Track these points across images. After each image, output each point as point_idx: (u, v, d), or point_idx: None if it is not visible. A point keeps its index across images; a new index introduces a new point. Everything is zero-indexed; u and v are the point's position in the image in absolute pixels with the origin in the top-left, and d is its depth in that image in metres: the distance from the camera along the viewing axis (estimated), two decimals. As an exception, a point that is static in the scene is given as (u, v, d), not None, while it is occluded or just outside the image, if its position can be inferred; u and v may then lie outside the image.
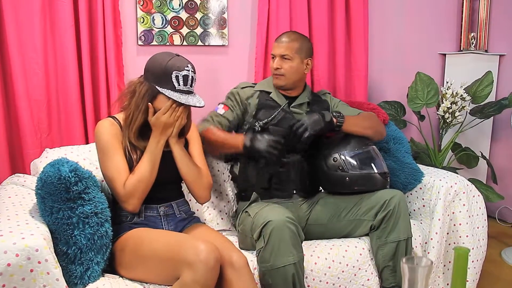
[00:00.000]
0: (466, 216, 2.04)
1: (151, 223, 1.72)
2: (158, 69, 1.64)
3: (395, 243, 1.80)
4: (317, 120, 1.86)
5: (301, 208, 1.99)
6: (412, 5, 3.00)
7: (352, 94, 2.83)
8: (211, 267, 1.42)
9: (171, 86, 1.63)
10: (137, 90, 1.67)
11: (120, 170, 1.64)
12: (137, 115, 1.67)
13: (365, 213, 1.87)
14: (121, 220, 1.72)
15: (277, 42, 2.03)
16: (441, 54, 3.14)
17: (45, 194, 1.50)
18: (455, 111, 2.72)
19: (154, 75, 1.65)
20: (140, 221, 1.71)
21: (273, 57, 2.03)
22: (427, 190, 2.10)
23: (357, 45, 2.77)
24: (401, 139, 2.25)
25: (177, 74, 1.63)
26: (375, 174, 1.91)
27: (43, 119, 2.20)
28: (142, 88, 1.66)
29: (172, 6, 2.44)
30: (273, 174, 1.95)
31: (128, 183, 1.62)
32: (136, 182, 1.63)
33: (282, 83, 2.01)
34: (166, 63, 1.63)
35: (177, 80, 1.63)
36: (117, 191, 1.63)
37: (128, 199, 1.63)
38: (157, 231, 1.65)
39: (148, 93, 1.65)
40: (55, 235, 1.49)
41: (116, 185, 1.63)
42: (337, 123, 1.90)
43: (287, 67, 2.00)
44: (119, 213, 1.72)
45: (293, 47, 2.00)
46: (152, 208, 1.73)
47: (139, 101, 1.66)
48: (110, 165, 1.66)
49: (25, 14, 2.12)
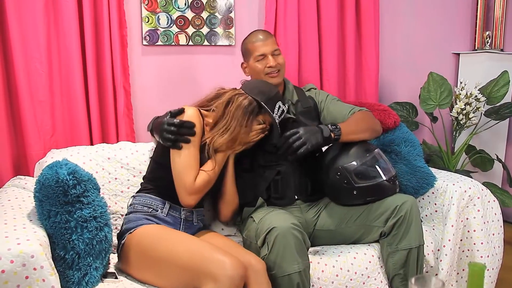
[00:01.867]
0: (481, 222, 1.96)
1: (170, 223, 1.68)
2: (267, 90, 1.75)
3: (406, 251, 1.73)
4: (317, 136, 1.71)
5: (308, 213, 1.92)
6: (424, 2, 2.93)
7: (363, 95, 2.76)
8: (236, 284, 1.39)
9: (272, 110, 1.72)
10: (234, 100, 1.70)
11: (193, 164, 1.63)
12: (238, 128, 1.68)
13: (375, 219, 1.80)
14: (136, 211, 1.67)
15: (260, 42, 1.92)
16: (455, 54, 3.06)
17: (42, 197, 1.48)
18: (469, 113, 2.65)
19: (262, 93, 1.73)
20: (162, 216, 1.67)
21: (261, 58, 1.91)
22: (439, 195, 2.02)
23: (368, 44, 2.70)
24: (412, 142, 2.17)
25: (280, 105, 1.75)
26: (383, 182, 1.80)
27: (46, 120, 2.16)
28: (244, 100, 1.70)
29: (178, 5, 2.39)
30: (269, 184, 1.88)
31: (200, 179, 1.62)
32: (207, 181, 1.65)
33: (280, 79, 1.93)
34: (276, 91, 1.77)
35: (278, 110, 1.74)
36: (186, 183, 1.61)
37: (194, 194, 1.62)
38: (177, 233, 1.61)
39: (252, 106, 1.70)
40: (53, 239, 1.47)
41: (186, 177, 1.61)
42: (334, 137, 1.77)
43: (282, 62, 1.93)
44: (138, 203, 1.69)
45: (275, 41, 1.96)
46: (176, 208, 1.70)
47: (239, 113, 1.68)
48: (185, 154, 1.62)
49: (29, 14, 2.09)
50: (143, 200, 1.70)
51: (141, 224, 1.61)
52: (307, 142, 1.68)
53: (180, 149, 1.62)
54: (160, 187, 1.72)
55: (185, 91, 2.44)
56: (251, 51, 1.94)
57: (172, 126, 1.61)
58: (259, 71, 1.92)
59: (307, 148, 1.68)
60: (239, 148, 1.75)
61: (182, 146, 1.62)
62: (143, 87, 2.40)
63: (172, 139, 1.60)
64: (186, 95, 2.39)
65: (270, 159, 1.89)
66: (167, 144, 1.63)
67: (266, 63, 1.90)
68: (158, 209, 1.68)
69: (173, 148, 1.63)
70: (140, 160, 2.00)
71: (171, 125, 1.61)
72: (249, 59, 1.96)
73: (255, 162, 1.91)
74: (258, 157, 1.90)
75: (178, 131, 1.61)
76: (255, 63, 1.93)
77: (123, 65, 2.27)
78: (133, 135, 2.34)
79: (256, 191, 1.89)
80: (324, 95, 2.04)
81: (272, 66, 1.89)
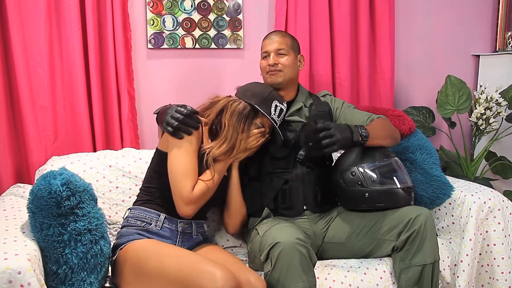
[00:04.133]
0: (502, 235, 1.84)
1: (165, 237, 1.62)
2: (259, 91, 1.70)
3: (420, 267, 1.63)
4: (347, 138, 1.65)
5: (317, 225, 1.83)
6: (442, 2, 2.81)
7: (377, 99, 2.66)
8: None
9: (267, 111, 1.67)
10: (228, 107, 1.67)
11: (191, 172, 1.56)
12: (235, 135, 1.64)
13: (387, 232, 1.70)
14: (129, 225, 1.62)
15: (268, 39, 1.90)
16: (474, 55, 2.93)
17: (35, 208, 1.43)
18: (489, 118, 2.53)
19: (255, 95, 1.68)
20: (156, 230, 1.61)
21: (266, 55, 1.88)
22: (457, 206, 1.91)
23: (382, 45, 2.60)
24: (428, 149, 2.06)
25: (277, 104, 1.70)
26: (397, 190, 1.73)
27: (48, 126, 2.12)
28: (238, 105, 1.67)
29: (184, 7, 2.32)
30: (277, 193, 1.80)
31: (198, 188, 1.56)
32: (206, 190, 1.58)
33: (279, 79, 1.85)
34: (270, 91, 1.73)
35: (275, 110, 1.69)
36: (183, 192, 1.54)
37: (191, 203, 1.55)
38: (168, 246, 1.55)
39: (246, 111, 1.66)
40: (45, 253, 1.41)
41: (183, 185, 1.54)
42: (361, 141, 1.70)
43: (284, 61, 1.85)
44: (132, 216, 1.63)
45: (287, 42, 1.89)
46: (172, 221, 1.64)
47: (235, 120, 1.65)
48: (183, 162, 1.56)
49: (30, 17, 2.05)
50: (138, 213, 1.64)
51: (132, 240, 1.56)
52: (337, 143, 1.61)
53: (181, 138, 1.56)
54: (156, 198, 1.66)
55: (191, 96, 2.37)
56: (261, 48, 1.93)
57: (179, 114, 1.56)
58: (262, 68, 1.91)
59: (332, 149, 1.62)
60: (240, 155, 1.69)
61: (183, 136, 1.56)
62: (148, 92, 2.35)
63: (174, 125, 1.55)
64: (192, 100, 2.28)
65: (278, 166, 1.82)
66: (167, 129, 1.56)
67: (268, 61, 1.87)
68: (152, 222, 1.62)
69: (172, 136, 1.57)
70: (142, 168, 1.93)
71: (179, 112, 1.56)
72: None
73: (262, 170, 1.84)
74: (265, 163, 1.83)
75: (183, 120, 1.56)
76: (261, 61, 1.91)
77: (127, 69, 2.22)
78: (137, 141, 2.28)
79: (263, 201, 1.81)
80: (339, 102, 1.98)
81: (271, 64, 1.85)
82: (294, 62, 1.89)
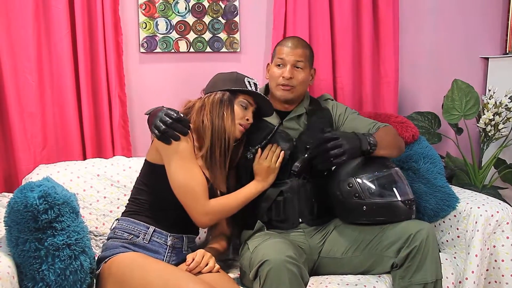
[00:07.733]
0: (510, 251, 1.74)
1: (152, 250, 1.56)
2: (227, 77, 1.68)
3: (421, 286, 1.53)
4: (356, 147, 1.58)
5: (313, 239, 1.74)
6: (449, 2, 2.71)
7: (381, 104, 2.57)
8: None
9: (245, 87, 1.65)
10: (206, 103, 1.63)
11: (203, 183, 1.56)
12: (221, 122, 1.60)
13: (386, 248, 1.60)
14: (115, 237, 1.56)
15: (288, 47, 1.79)
16: (483, 58, 2.82)
17: (11, 222, 1.38)
18: (498, 123, 2.43)
19: (225, 82, 1.66)
20: (143, 243, 1.55)
21: (281, 64, 1.79)
22: (462, 218, 1.82)
23: (386, 48, 2.50)
24: (433, 158, 1.97)
25: (249, 80, 1.69)
26: (398, 202, 1.63)
27: (37, 133, 2.06)
28: (215, 96, 1.64)
29: (178, 10, 2.25)
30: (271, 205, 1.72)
31: (217, 202, 1.58)
32: (224, 205, 1.60)
33: (291, 96, 1.78)
34: (236, 73, 1.70)
35: (249, 84, 1.67)
36: (199, 203, 1.54)
37: (209, 215, 1.56)
38: (154, 262, 1.48)
39: (225, 96, 1.63)
40: (21, 269, 1.35)
41: (199, 196, 1.54)
42: (370, 149, 1.62)
43: (300, 78, 1.78)
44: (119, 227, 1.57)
45: (306, 55, 1.80)
46: (162, 234, 1.58)
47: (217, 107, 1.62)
48: (193, 175, 1.54)
49: (17, 21, 1.99)
50: (125, 225, 1.58)
51: (116, 253, 1.49)
52: (346, 153, 1.54)
53: (169, 144, 1.51)
54: (145, 210, 1.60)
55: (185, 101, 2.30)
56: (276, 53, 1.84)
57: (168, 117, 1.51)
58: (274, 77, 1.81)
59: (341, 159, 1.54)
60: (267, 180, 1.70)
61: (171, 141, 1.51)
62: (140, 97, 2.27)
63: (161, 129, 1.50)
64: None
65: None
66: (154, 132, 1.52)
67: (283, 72, 1.77)
68: (139, 235, 1.56)
69: (158, 140, 1.52)
70: (132, 178, 1.86)
71: (168, 115, 1.52)
72: (272, 60, 1.86)
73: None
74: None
75: (171, 124, 1.50)
76: (274, 67, 1.82)
77: (119, 74, 2.16)
78: (129, 148, 2.22)
79: (256, 213, 1.73)
80: (342, 108, 1.90)
81: (286, 77, 1.76)
82: (307, 78, 1.82)
